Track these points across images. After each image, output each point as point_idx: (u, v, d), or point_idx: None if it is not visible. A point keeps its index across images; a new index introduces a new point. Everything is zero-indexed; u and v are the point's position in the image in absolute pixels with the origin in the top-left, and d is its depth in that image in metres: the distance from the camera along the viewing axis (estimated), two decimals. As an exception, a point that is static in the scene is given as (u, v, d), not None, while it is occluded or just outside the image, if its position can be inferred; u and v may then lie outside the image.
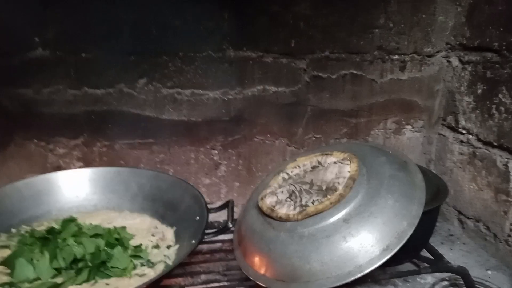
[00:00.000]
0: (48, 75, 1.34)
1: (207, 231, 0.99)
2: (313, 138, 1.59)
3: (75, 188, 1.24)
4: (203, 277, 1.14)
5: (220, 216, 1.29)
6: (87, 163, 1.46)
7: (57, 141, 1.42)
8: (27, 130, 1.39)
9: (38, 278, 0.95)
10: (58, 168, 1.44)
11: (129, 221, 1.16)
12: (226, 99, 1.47)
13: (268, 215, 0.99)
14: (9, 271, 0.97)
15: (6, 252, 1.05)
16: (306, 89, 1.52)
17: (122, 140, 1.46)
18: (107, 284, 0.95)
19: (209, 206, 1.13)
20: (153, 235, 1.10)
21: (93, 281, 0.96)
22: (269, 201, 1.01)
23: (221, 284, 1.08)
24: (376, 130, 1.65)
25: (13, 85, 1.32)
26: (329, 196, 0.94)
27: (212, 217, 1.18)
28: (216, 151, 1.54)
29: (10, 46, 1.29)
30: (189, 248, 0.94)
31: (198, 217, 1.04)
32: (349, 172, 0.98)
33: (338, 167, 1.01)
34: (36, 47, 1.31)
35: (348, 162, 1.01)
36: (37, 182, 1.20)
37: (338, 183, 0.96)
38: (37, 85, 1.34)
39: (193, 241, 0.95)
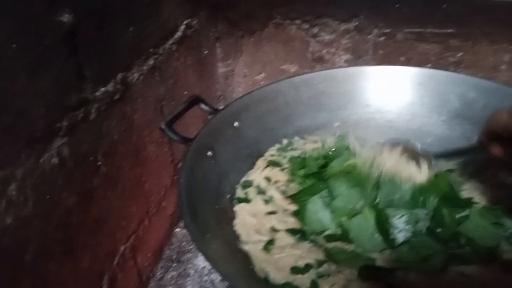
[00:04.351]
0: None
1: None
2: None
3: (365, 93, 0.89)
4: None
5: None
6: (356, 56, 1.11)
7: (324, 23, 1.08)
8: (291, 5, 1.08)
9: (339, 235, 0.66)
10: (320, 59, 1.13)
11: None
12: None
13: None
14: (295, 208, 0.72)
15: (276, 173, 0.79)
16: None
17: (409, 27, 1.05)
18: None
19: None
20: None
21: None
22: None
23: None
24: None
25: None
26: None
27: None
28: (547, 54, 1.01)
29: None
30: None
31: None
32: None
33: None
34: None
35: None
36: (317, 79, 0.88)
37: None
38: None
39: None
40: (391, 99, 0.88)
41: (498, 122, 0.59)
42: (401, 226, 0.64)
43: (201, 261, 0.88)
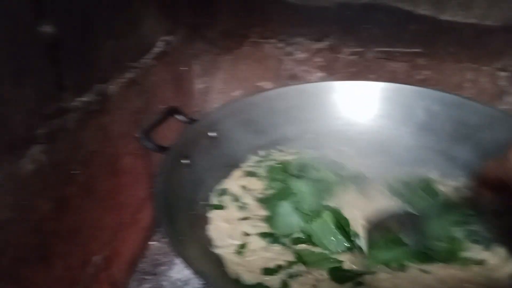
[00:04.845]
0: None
1: None
2: None
3: (336, 107, 0.93)
4: None
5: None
6: (328, 74, 1.15)
7: (298, 42, 1.13)
8: (265, 25, 1.12)
9: (306, 238, 0.69)
10: (293, 77, 1.17)
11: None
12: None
13: None
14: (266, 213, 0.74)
15: (252, 182, 0.81)
16: None
17: (378, 46, 1.10)
18: (422, 271, 0.63)
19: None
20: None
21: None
22: None
23: None
24: None
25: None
26: None
27: None
28: (506, 74, 1.08)
29: None
30: None
31: None
32: None
33: None
34: None
35: None
36: (291, 93, 0.92)
37: None
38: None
39: None
40: (360, 112, 0.92)
41: (489, 172, 0.63)
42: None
43: (175, 273, 0.88)
